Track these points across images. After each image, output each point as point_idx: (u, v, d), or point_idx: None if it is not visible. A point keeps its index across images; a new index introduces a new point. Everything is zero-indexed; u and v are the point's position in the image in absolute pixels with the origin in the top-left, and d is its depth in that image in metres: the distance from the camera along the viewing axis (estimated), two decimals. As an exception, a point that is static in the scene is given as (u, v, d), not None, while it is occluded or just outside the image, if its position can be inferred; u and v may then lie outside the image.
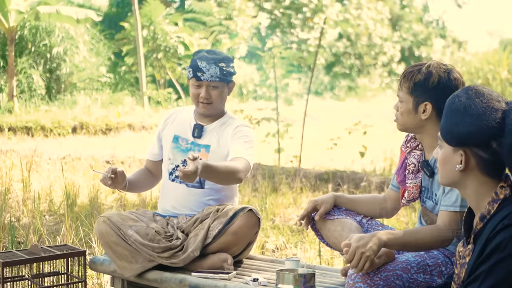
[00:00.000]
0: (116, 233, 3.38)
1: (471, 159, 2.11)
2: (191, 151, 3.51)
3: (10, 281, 3.52)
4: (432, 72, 2.74)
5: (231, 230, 3.37)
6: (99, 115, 15.65)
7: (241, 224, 3.38)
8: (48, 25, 19.34)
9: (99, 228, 3.43)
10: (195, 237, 3.39)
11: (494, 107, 2.09)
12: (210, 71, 3.55)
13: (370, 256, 2.51)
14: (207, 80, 3.55)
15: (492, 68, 19.70)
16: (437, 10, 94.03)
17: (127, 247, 3.37)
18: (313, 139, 11.74)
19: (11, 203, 6.01)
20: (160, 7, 22.85)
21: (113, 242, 3.38)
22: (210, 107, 3.60)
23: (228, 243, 3.40)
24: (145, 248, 3.35)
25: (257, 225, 3.47)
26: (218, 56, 3.60)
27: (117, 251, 3.39)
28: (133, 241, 3.35)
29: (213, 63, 3.56)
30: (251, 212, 3.41)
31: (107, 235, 3.40)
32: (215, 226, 3.38)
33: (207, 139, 3.62)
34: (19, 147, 9.99)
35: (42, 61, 19.53)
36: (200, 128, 3.63)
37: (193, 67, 3.58)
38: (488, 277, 1.97)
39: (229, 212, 3.40)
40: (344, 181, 7.56)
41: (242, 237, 3.43)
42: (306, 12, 32.80)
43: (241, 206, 3.45)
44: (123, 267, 3.39)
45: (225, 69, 3.60)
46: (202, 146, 3.60)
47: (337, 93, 34.01)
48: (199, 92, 3.58)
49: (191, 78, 3.61)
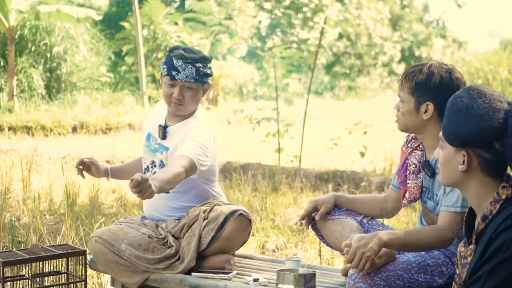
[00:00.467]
0: (110, 250, 3.34)
1: (474, 160, 2.11)
2: (135, 176, 2.96)
3: (10, 281, 3.51)
4: (433, 72, 2.73)
5: (223, 236, 3.35)
6: (99, 114, 15.64)
7: (233, 229, 3.35)
8: (48, 24, 19.33)
9: (93, 248, 3.39)
10: (188, 245, 3.35)
11: (496, 108, 2.08)
12: (185, 71, 3.39)
13: (371, 256, 2.51)
14: (181, 80, 3.39)
15: (492, 68, 19.70)
16: (437, 10, 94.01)
17: (123, 262, 3.34)
18: (313, 139, 11.74)
19: (11, 203, 6.01)
20: (160, 7, 22.85)
21: (109, 260, 3.35)
22: (181, 108, 3.45)
23: (222, 247, 3.39)
24: (140, 261, 3.33)
25: (249, 226, 3.44)
26: (196, 56, 3.42)
27: (114, 268, 3.36)
28: (127, 256, 3.33)
29: (189, 63, 3.39)
30: (242, 216, 3.37)
31: (102, 254, 3.36)
32: (207, 233, 3.35)
33: (169, 141, 3.50)
34: (19, 146, 9.99)
35: (42, 60, 19.52)
36: (163, 130, 3.51)
37: (168, 65, 3.42)
38: (490, 278, 1.97)
39: (219, 218, 3.34)
40: (344, 181, 7.56)
41: (235, 241, 3.41)
42: (306, 12, 32.80)
43: (230, 209, 3.37)
44: (125, 283, 3.38)
45: (202, 70, 3.43)
46: (165, 147, 3.50)
47: (337, 93, 34.01)
48: (172, 92, 3.42)
49: (164, 75, 3.45)
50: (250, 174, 7.67)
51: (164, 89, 3.47)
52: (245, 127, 13.63)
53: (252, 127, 9.28)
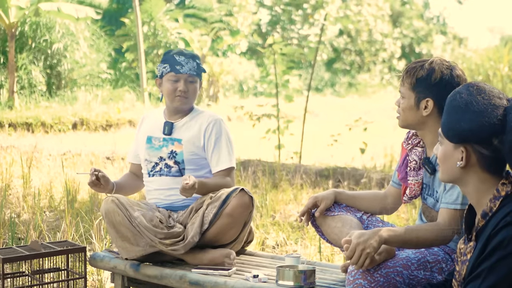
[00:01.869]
0: (123, 213, 3.41)
1: (472, 156, 2.10)
2: (185, 178, 3.47)
3: (10, 277, 3.51)
4: (434, 69, 2.73)
5: (226, 212, 3.40)
6: (99, 111, 15.65)
7: (235, 204, 3.41)
8: (48, 21, 19.33)
9: (106, 206, 3.45)
10: (192, 225, 3.43)
11: (495, 104, 2.08)
12: (188, 65, 3.62)
13: (371, 253, 2.50)
14: (186, 73, 3.62)
15: (493, 64, 19.69)
16: (438, 7, 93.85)
17: (131, 228, 3.39)
18: (314, 136, 11.74)
19: (12, 199, 6.01)
20: (160, 3, 22.85)
21: (118, 222, 3.41)
22: (186, 101, 3.65)
23: (225, 226, 3.42)
24: (148, 232, 3.37)
25: (251, 204, 3.49)
26: (193, 53, 3.69)
27: (120, 231, 3.41)
28: (138, 223, 3.38)
29: (190, 57, 3.64)
30: (243, 191, 3.44)
31: (113, 214, 3.42)
32: (210, 211, 3.43)
33: (178, 134, 3.66)
34: (20, 143, 9.99)
35: (43, 57, 19.52)
36: (170, 125, 3.67)
37: (171, 62, 3.64)
38: (490, 275, 1.97)
39: (221, 196, 3.44)
40: (344, 177, 7.56)
41: (237, 218, 3.44)
42: (307, 9, 32.80)
43: (233, 188, 3.49)
44: (124, 248, 3.41)
45: (200, 65, 3.69)
46: (175, 139, 3.65)
47: (337, 89, 34.01)
48: (176, 86, 3.63)
49: (167, 73, 3.64)
50: (250, 171, 7.67)
51: (167, 86, 3.65)
52: (245, 123, 13.64)
53: (253, 124, 9.28)
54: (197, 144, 3.62)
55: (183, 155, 3.62)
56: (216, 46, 24.88)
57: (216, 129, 3.64)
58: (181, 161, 3.62)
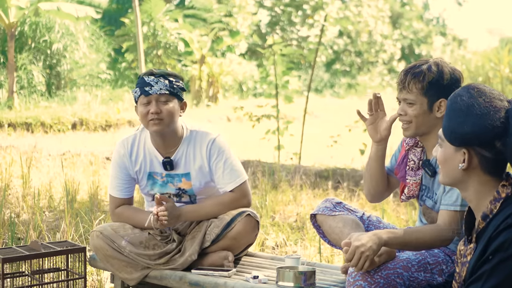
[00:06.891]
0: (111, 246, 3.36)
1: (474, 158, 2.10)
2: (157, 193, 3.34)
3: (10, 277, 3.51)
4: (443, 70, 2.74)
5: (230, 235, 3.35)
6: (99, 111, 15.64)
7: (240, 229, 3.35)
8: (48, 21, 19.33)
9: (93, 243, 3.41)
10: (192, 240, 3.38)
11: (497, 106, 2.08)
12: (158, 84, 3.30)
13: (370, 255, 2.50)
14: (156, 93, 3.29)
15: (493, 65, 19.70)
16: (438, 8, 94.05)
17: (124, 258, 3.36)
18: (313, 137, 11.74)
19: (11, 199, 6.01)
20: (160, 4, 22.84)
21: (109, 256, 3.38)
22: (161, 123, 3.31)
23: (227, 247, 3.39)
24: (140, 258, 3.35)
25: (256, 228, 3.45)
26: (166, 71, 3.39)
27: (114, 264, 3.39)
28: (128, 252, 3.35)
29: (161, 76, 3.33)
30: (250, 216, 3.38)
31: (102, 250, 3.38)
32: (212, 230, 3.36)
33: (182, 167, 3.44)
34: (19, 143, 9.99)
35: (42, 57, 19.52)
36: (170, 163, 3.41)
37: (140, 84, 3.34)
38: (491, 277, 1.97)
39: (226, 217, 3.36)
40: (344, 178, 7.56)
41: (241, 241, 3.42)
42: (307, 10, 32.80)
43: (239, 210, 3.39)
44: (125, 278, 3.40)
45: (175, 83, 3.35)
46: (181, 175, 3.45)
47: (337, 90, 34.01)
48: (148, 109, 3.30)
49: (138, 97, 3.34)
50: (250, 172, 7.67)
51: (140, 112, 3.35)
52: (245, 124, 13.63)
53: (252, 125, 9.28)
54: (204, 171, 3.42)
55: (194, 191, 3.46)
56: (216, 47, 24.88)
57: (217, 150, 3.41)
58: (191, 194, 3.48)
